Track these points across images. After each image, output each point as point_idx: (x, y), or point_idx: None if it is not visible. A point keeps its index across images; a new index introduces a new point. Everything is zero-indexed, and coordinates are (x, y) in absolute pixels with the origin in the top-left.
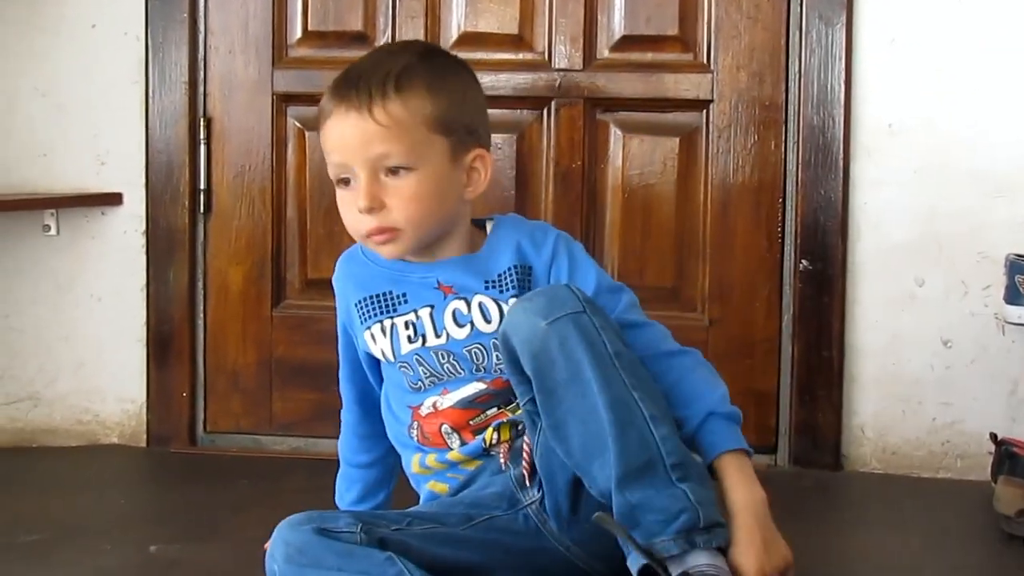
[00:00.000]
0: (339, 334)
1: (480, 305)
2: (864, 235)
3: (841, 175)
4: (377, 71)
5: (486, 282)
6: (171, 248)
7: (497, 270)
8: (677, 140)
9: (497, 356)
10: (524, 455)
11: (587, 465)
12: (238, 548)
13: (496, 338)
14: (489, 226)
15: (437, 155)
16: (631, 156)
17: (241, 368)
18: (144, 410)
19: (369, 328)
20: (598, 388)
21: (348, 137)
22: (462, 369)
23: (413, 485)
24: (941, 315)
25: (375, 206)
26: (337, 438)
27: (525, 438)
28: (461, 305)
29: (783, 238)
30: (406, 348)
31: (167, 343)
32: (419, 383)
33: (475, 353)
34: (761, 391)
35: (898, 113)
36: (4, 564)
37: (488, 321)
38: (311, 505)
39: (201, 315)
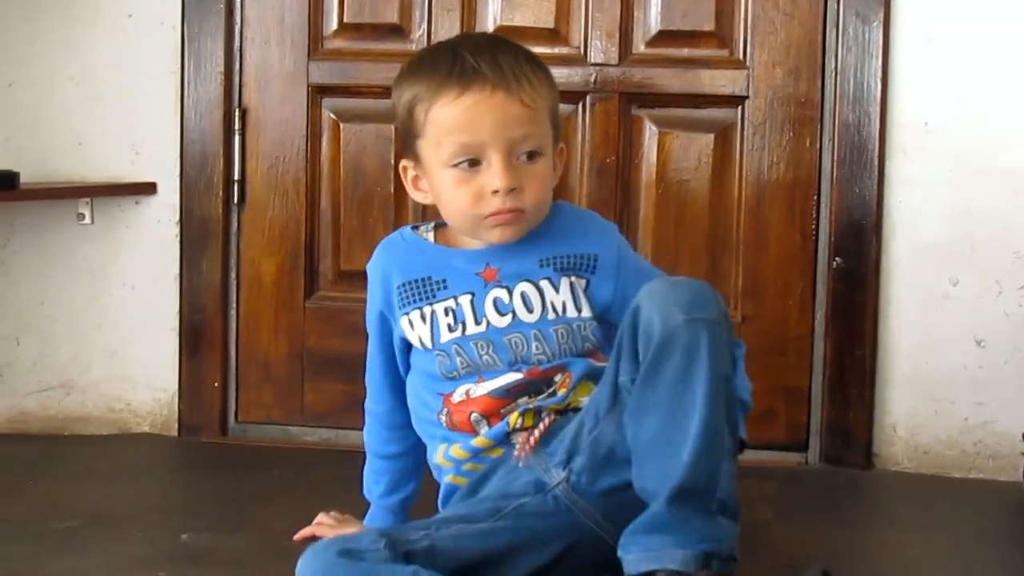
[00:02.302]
0: (371, 324)
1: (522, 294)
2: (898, 234)
3: (876, 173)
4: (506, 55)
5: (541, 260)
6: (204, 238)
7: (555, 250)
8: (712, 136)
9: (536, 347)
10: (539, 430)
11: (645, 458)
12: (268, 537)
13: (538, 328)
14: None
15: (550, 144)
16: (666, 152)
17: (273, 359)
18: (176, 399)
19: (407, 314)
20: (701, 405)
21: (490, 117)
22: (500, 361)
23: (435, 476)
24: (974, 315)
25: (517, 187)
26: None
27: (544, 421)
28: (502, 294)
29: (817, 236)
30: (446, 336)
31: (200, 333)
32: (454, 372)
33: (515, 342)
34: (793, 388)
35: (934, 112)
36: (37, 551)
37: (530, 311)
38: (341, 496)
39: (234, 305)
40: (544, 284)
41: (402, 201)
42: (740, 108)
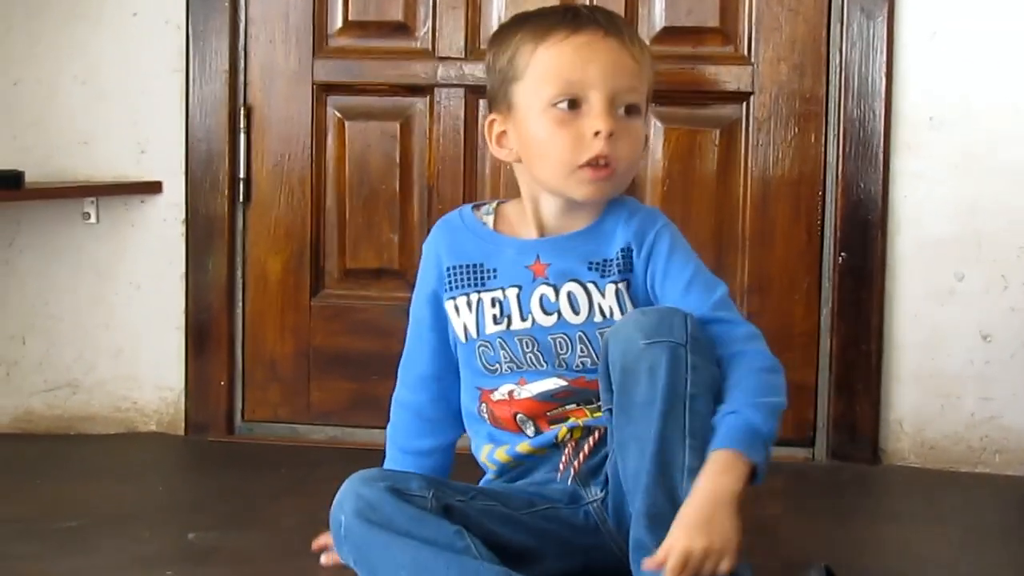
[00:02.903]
0: (421, 305)
1: (569, 295)
2: (904, 229)
3: (881, 168)
4: (618, 17)
5: (590, 263)
6: (210, 237)
7: (604, 253)
8: (717, 132)
9: (581, 349)
10: (583, 452)
11: (632, 494)
12: (276, 536)
13: (583, 330)
14: (601, 207)
15: (644, 115)
16: (671, 148)
17: (279, 357)
18: (182, 398)
19: (454, 298)
20: (658, 424)
21: (602, 60)
22: (544, 362)
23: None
24: (981, 309)
25: (616, 132)
26: (375, 427)
27: (590, 439)
28: (549, 292)
29: (822, 231)
30: (491, 329)
31: (206, 331)
32: (496, 366)
33: (559, 343)
34: (799, 384)
35: (939, 107)
36: (44, 550)
37: (576, 312)
38: None
39: (240, 304)
40: (591, 287)
41: (407, 198)
42: (745, 104)
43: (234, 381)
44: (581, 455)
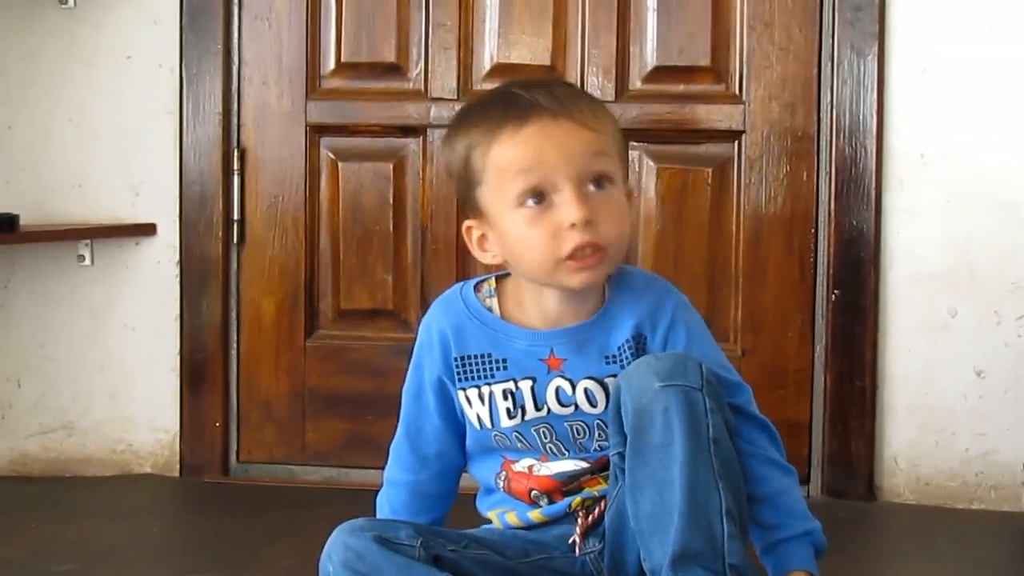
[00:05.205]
0: (423, 388)
1: (586, 390)
2: (896, 265)
3: (873, 205)
4: (559, 87)
5: (606, 357)
6: (204, 278)
7: (616, 342)
8: (709, 171)
9: (599, 434)
10: (593, 516)
11: (649, 535)
12: None
13: (600, 419)
14: (607, 284)
15: (621, 174)
16: (663, 187)
17: (274, 398)
18: (177, 440)
19: (464, 389)
20: (681, 464)
21: (557, 144)
22: (565, 449)
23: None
24: (974, 345)
25: (592, 217)
26: (370, 467)
27: (601, 504)
28: (565, 385)
29: (815, 268)
30: (505, 423)
31: (200, 373)
32: (514, 448)
33: (577, 429)
34: (794, 421)
35: (930, 143)
36: None
37: (593, 405)
38: None
39: (234, 345)
40: (609, 381)
41: (401, 239)
42: (737, 143)
43: (229, 422)
44: (590, 518)
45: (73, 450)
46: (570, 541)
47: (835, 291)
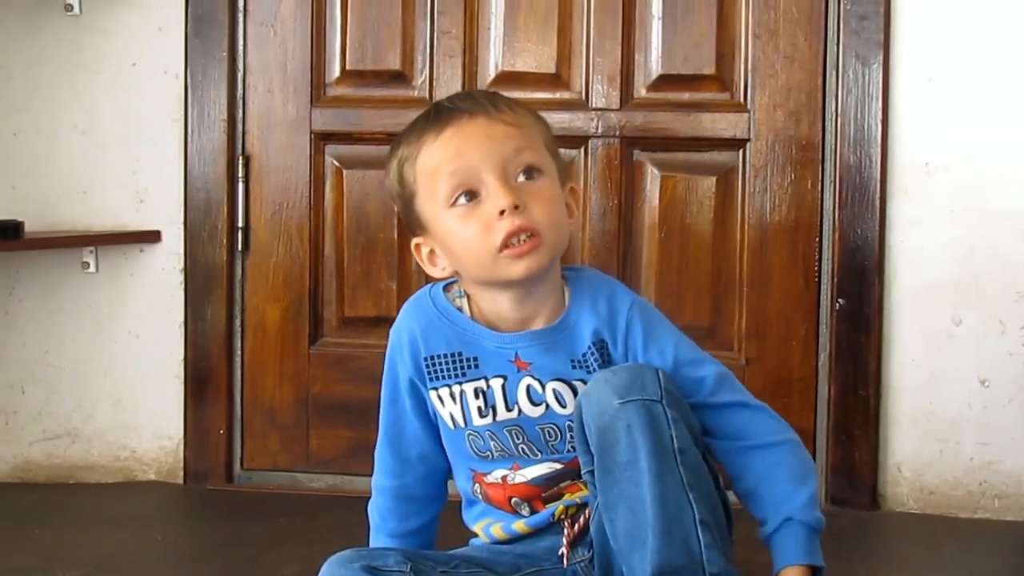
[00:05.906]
0: (397, 391)
1: (555, 391)
2: (901, 274)
3: (878, 214)
4: (480, 93)
5: (573, 361)
6: (209, 285)
7: (581, 348)
8: (714, 179)
9: (570, 437)
10: (579, 524)
11: (628, 553)
12: None
13: (571, 420)
14: (566, 288)
15: (551, 166)
16: (668, 195)
17: (278, 405)
18: (181, 447)
19: (436, 389)
20: (650, 480)
21: (476, 140)
22: (537, 451)
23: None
24: (978, 354)
25: (520, 202)
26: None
27: (585, 512)
28: (535, 384)
29: (820, 277)
30: (478, 421)
31: (205, 380)
32: (488, 452)
33: (548, 431)
34: (798, 430)
35: (935, 152)
36: None
37: (563, 406)
38: (348, 543)
39: (239, 352)
40: (577, 384)
41: (405, 247)
42: (742, 151)
43: (233, 429)
44: (576, 527)
45: (77, 457)
46: (559, 552)
47: (839, 300)
